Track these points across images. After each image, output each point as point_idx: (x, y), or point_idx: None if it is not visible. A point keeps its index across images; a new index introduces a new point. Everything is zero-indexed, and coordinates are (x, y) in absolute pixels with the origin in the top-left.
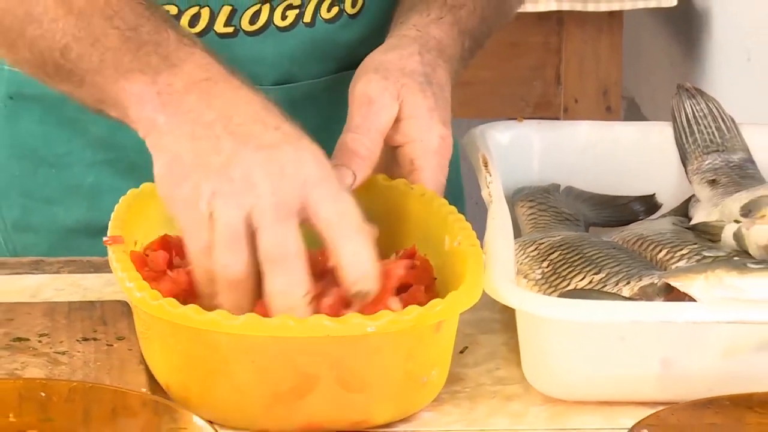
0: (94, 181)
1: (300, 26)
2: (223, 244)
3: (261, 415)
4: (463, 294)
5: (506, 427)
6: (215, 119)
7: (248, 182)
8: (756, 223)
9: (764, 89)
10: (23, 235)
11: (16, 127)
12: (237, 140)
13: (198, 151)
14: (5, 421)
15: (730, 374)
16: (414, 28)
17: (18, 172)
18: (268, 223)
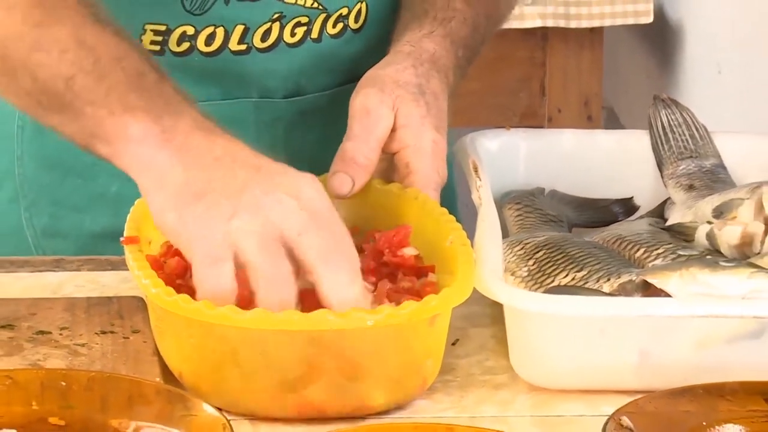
0: (118, 190)
1: (308, 42)
2: (260, 251)
3: (268, 403)
4: (455, 290)
5: (495, 414)
6: (222, 155)
7: (274, 198)
8: (727, 224)
9: (734, 100)
10: (52, 240)
11: (45, 140)
12: (250, 169)
13: (212, 178)
14: (28, 408)
15: (704, 365)
16: (408, 44)
17: (47, 182)
18: (309, 228)
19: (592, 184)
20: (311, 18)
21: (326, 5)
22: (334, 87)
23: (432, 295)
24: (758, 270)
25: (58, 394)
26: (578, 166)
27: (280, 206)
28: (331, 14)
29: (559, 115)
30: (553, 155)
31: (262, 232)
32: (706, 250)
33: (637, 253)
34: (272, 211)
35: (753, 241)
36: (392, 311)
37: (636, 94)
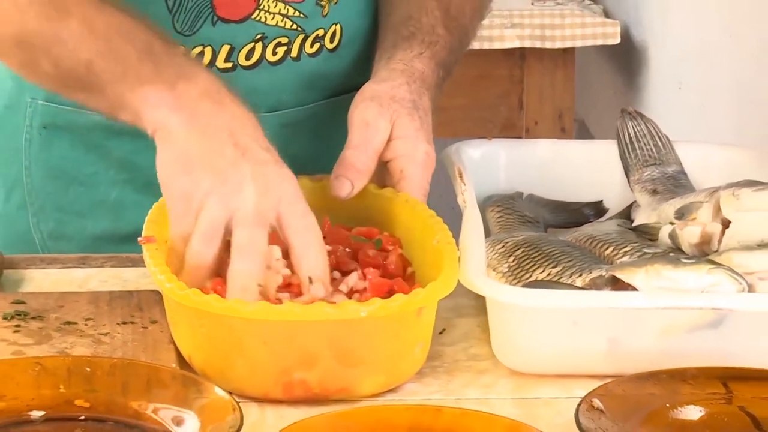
0: (117, 197)
1: (288, 60)
2: (201, 235)
3: (271, 387)
4: (441, 284)
5: (478, 396)
6: (223, 127)
7: (239, 188)
8: (688, 225)
9: (693, 112)
10: (58, 243)
11: (50, 152)
12: (238, 150)
13: (206, 150)
14: (56, 391)
15: (667, 352)
16: (401, 63)
17: (52, 190)
18: (246, 225)
19: (566, 188)
20: (291, 38)
21: (304, 27)
22: (312, 102)
23: (419, 289)
24: (716, 266)
25: (83, 378)
26: (553, 172)
27: (239, 197)
28: (308, 35)
29: (536, 127)
30: (530, 163)
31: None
32: (669, 248)
33: (607, 251)
34: (232, 200)
35: (711, 240)
36: (383, 303)
37: (605, 107)
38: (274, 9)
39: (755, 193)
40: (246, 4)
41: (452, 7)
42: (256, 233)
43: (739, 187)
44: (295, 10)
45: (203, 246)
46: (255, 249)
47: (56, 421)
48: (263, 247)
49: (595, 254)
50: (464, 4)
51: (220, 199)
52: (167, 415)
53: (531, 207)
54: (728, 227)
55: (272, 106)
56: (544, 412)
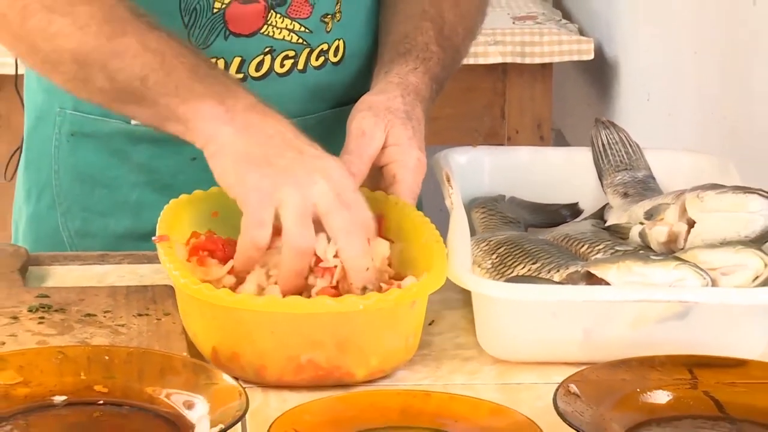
0: (137, 198)
1: (295, 72)
2: (297, 219)
3: (276, 373)
4: (431, 280)
5: (464, 382)
6: (274, 134)
7: (311, 180)
8: (656, 225)
9: (661, 122)
10: (83, 240)
11: (77, 157)
12: (295, 151)
13: (266, 154)
14: (77, 378)
15: (637, 341)
16: (397, 76)
17: (78, 192)
18: (336, 209)
19: (544, 191)
20: (297, 52)
21: (309, 41)
22: (317, 112)
23: (412, 284)
24: (682, 262)
25: (102, 366)
26: (532, 177)
27: (315, 187)
28: (314, 49)
29: (517, 136)
30: (511, 168)
31: (299, 206)
32: (639, 246)
33: (582, 249)
34: (309, 190)
35: (678, 239)
36: (379, 297)
37: (580, 117)
38: (281, 24)
39: (718, 196)
40: (255, 19)
41: (446, 27)
42: (347, 213)
43: (703, 190)
44: (300, 25)
45: (303, 229)
46: (358, 229)
47: (77, 405)
48: (361, 227)
49: (572, 252)
50: (457, 25)
51: (297, 190)
52: (179, 399)
53: (512, 208)
54: (693, 227)
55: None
56: (525, 396)
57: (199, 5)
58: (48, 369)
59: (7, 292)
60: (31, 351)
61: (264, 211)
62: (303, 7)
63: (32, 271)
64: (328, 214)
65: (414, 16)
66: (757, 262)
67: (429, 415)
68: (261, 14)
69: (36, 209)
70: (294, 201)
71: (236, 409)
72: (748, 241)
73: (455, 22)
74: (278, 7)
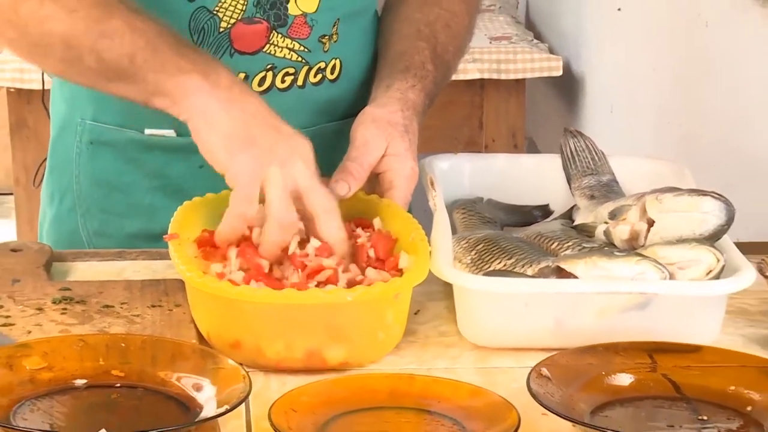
0: (150, 202)
1: (294, 88)
2: (279, 200)
3: (273, 359)
4: (414, 274)
5: (446, 366)
6: (255, 112)
7: (291, 160)
8: (619, 224)
9: (623, 131)
10: (101, 239)
11: (95, 164)
12: (274, 130)
13: (251, 134)
14: (96, 363)
15: (603, 329)
16: (398, 92)
17: (97, 196)
18: (315, 187)
19: (518, 194)
20: (297, 69)
21: (308, 59)
22: (314, 125)
23: (396, 278)
24: (643, 258)
25: (119, 352)
26: (508, 181)
27: (296, 166)
28: (312, 66)
29: (493, 144)
30: (489, 173)
31: (284, 184)
32: (604, 243)
33: (552, 246)
34: (291, 169)
35: (639, 237)
36: (366, 290)
37: (550, 127)
38: (282, 44)
39: (675, 198)
40: (258, 39)
41: (439, 47)
42: (325, 192)
43: (662, 192)
44: (300, 45)
45: (286, 208)
46: (333, 206)
47: (96, 388)
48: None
49: (543, 248)
50: (448, 44)
51: (281, 169)
52: (188, 382)
53: (490, 209)
54: (653, 226)
55: None
56: (502, 379)
57: (206, 25)
58: (70, 355)
59: (32, 286)
60: (54, 339)
61: (252, 188)
62: (302, 28)
63: (56, 266)
64: (308, 191)
65: (410, 35)
66: (710, 258)
67: (414, 397)
68: (264, 34)
69: (58, 211)
70: (278, 179)
71: (240, 391)
72: (702, 238)
73: (447, 42)
74: (279, 28)
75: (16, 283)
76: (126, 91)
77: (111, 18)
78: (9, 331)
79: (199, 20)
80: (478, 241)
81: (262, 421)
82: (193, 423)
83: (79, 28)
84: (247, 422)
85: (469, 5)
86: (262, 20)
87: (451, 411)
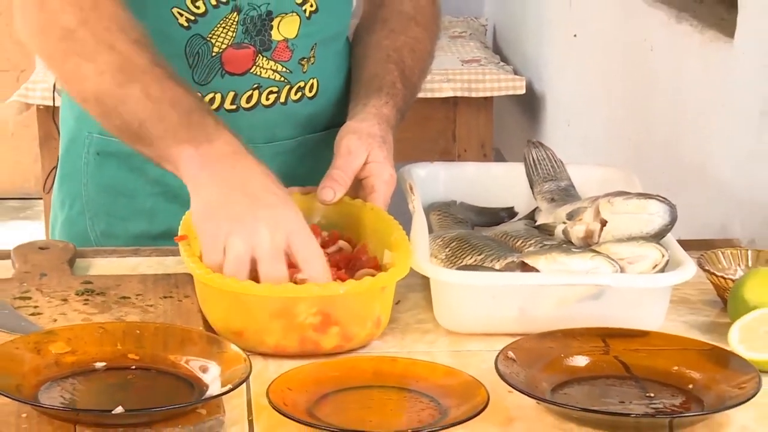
0: (152, 206)
1: (278, 105)
2: (232, 265)
3: (273, 344)
4: (398, 270)
5: (424, 350)
6: (237, 183)
7: (255, 229)
8: (576, 224)
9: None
10: (107, 240)
11: (102, 172)
12: (250, 199)
13: (224, 202)
14: (114, 348)
15: (561, 317)
16: (374, 108)
17: (103, 201)
18: (266, 258)
19: (487, 198)
20: (279, 88)
21: (289, 79)
22: (298, 136)
23: (383, 273)
24: (597, 254)
25: (134, 338)
26: (477, 186)
27: (257, 235)
28: (293, 85)
29: (465, 153)
30: (461, 179)
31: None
32: (563, 241)
33: (517, 243)
34: (252, 238)
35: (593, 235)
36: (356, 284)
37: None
38: (267, 66)
39: (624, 201)
40: (246, 62)
41: (406, 69)
42: (274, 265)
43: (613, 196)
44: (282, 66)
45: (235, 272)
46: (277, 279)
47: (114, 369)
48: (283, 276)
49: (509, 245)
50: (414, 67)
51: (241, 238)
52: (196, 364)
53: (462, 211)
54: (605, 225)
55: (268, 139)
56: (473, 361)
57: (201, 50)
58: (91, 341)
59: (58, 280)
60: (77, 326)
61: (214, 253)
62: (284, 52)
63: (78, 262)
64: (259, 261)
65: (381, 59)
66: (656, 254)
67: (396, 376)
68: (251, 57)
69: (69, 215)
70: (234, 251)
71: (242, 372)
72: (649, 236)
73: (413, 65)
74: (264, 52)
75: (43, 277)
76: (143, 151)
77: (131, 83)
78: (37, 319)
79: (194, 45)
80: (452, 239)
81: (260, 398)
82: (200, 401)
83: (105, 89)
84: (247, 400)
85: (430, 33)
86: (250, 45)
87: (428, 389)
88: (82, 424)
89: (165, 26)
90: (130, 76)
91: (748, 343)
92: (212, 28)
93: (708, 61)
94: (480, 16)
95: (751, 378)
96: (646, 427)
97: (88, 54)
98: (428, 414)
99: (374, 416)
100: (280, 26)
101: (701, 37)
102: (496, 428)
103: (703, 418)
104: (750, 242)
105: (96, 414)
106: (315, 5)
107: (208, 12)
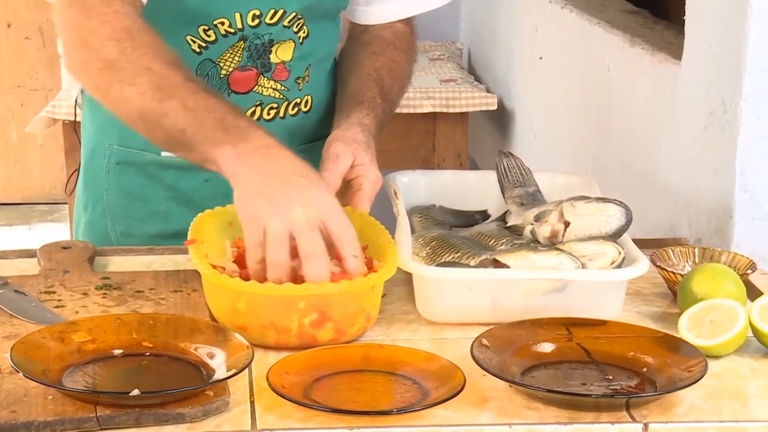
0: (166, 209)
1: (277, 119)
2: (273, 242)
3: (273, 337)
4: (386, 270)
5: (407, 338)
6: (271, 170)
7: (288, 208)
8: (542, 225)
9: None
10: (126, 240)
11: (121, 180)
12: (284, 184)
13: (260, 187)
14: (130, 337)
15: (530, 308)
16: (357, 119)
17: (123, 205)
18: (303, 233)
19: (463, 202)
20: (279, 104)
21: (287, 96)
22: (294, 146)
23: (373, 273)
24: (561, 251)
25: (148, 328)
26: (455, 191)
27: (292, 214)
28: (290, 102)
29: (444, 163)
30: (440, 185)
31: (278, 230)
32: (531, 240)
33: (490, 242)
34: (287, 217)
35: (558, 235)
36: (350, 283)
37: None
38: (268, 85)
39: (585, 204)
40: (249, 82)
41: (385, 86)
42: (312, 239)
43: (575, 200)
44: (281, 85)
45: (277, 249)
46: (316, 252)
47: (131, 356)
48: (321, 249)
49: (483, 244)
50: (392, 84)
51: (277, 217)
52: (204, 351)
53: (441, 214)
54: (568, 226)
55: None
56: (451, 347)
57: (210, 72)
58: (109, 330)
59: (79, 276)
60: (97, 317)
61: (255, 234)
62: (282, 72)
63: (98, 260)
64: (298, 236)
65: (363, 78)
66: (613, 251)
67: (382, 362)
68: (254, 78)
69: (91, 217)
70: (274, 226)
71: (245, 358)
72: (607, 236)
73: (391, 83)
74: (265, 73)
75: (66, 273)
76: (187, 156)
77: (169, 99)
78: (61, 311)
79: (204, 68)
80: (432, 238)
81: (261, 381)
82: (207, 384)
83: (147, 107)
84: (249, 383)
85: (408, 56)
86: (253, 68)
87: (411, 373)
88: (102, 405)
89: (179, 51)
90: (168, 93)
91: (696, 331)
92: (221, 53)
93: (658, 80)
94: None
95: (698, 362)
96: (606, 406)
97: (129, 78)
98: (411, 395)
99: (363, 397)
100: (278, 51)
101: (652, 59)
102: (472, 408)
103: (657, 398)
104: (696, 241)
105: (114, 396)
106: (307, 32)
107: (218, 40)
